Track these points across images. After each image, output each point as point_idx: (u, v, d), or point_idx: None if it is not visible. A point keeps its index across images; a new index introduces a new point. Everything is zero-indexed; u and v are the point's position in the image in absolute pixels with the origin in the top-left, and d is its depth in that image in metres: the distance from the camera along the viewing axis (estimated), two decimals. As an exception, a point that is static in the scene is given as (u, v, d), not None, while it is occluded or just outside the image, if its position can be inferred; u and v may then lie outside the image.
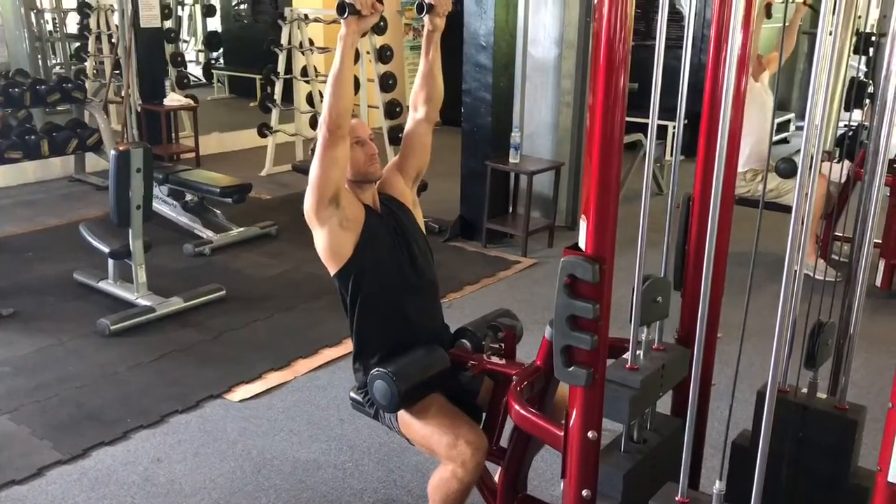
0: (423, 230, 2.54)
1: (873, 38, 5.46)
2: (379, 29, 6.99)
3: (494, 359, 2.30)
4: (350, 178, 2.38)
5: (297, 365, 3.81)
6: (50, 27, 9.83)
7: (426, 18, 2.40)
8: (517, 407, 1.93)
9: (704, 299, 1.46)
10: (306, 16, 7.45)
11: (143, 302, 4.30)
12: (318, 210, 2.24)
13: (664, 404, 2.01)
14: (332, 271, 2.35)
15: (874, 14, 5.64)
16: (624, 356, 1.72)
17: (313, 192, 2.22)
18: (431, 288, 2.50)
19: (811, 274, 3.39)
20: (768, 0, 4.90)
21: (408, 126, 2.56)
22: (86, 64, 9.18)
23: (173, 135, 7.77)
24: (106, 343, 4.00)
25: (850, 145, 4.68)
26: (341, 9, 2.07)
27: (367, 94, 7.20)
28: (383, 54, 7.07)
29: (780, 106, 9.41)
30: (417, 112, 2.54)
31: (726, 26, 1.72)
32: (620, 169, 1.53)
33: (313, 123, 7.40)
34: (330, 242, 2.30)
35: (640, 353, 1.71)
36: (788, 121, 9.19)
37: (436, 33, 2.43)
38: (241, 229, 5.57)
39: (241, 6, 11.71)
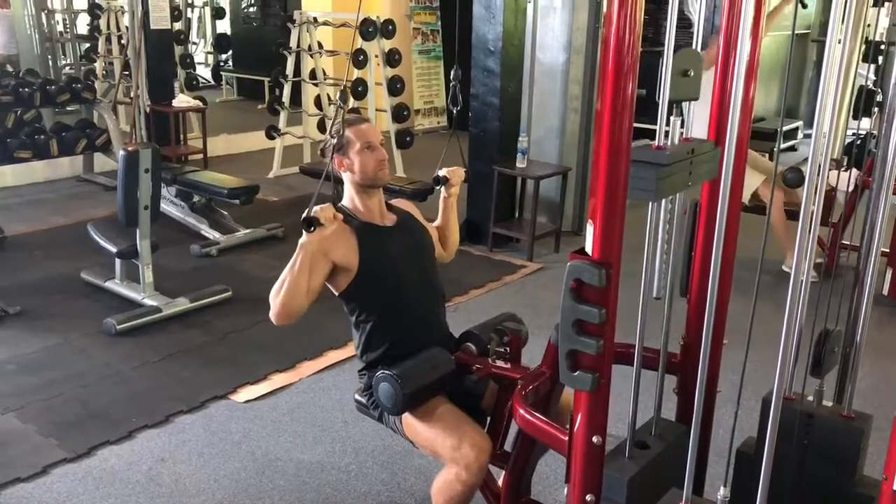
0: (434, 245, 2.59)
1: (882, 47, 5.45)
2: (387, 33, 7.02)
3: (499, 363, 2.31)
4: (358, 181, 2.39)
5: (303, 367, 3.82)
6: (60, 28, 9.88)
7: (442, 189, 2.62)
8: (522, 411, 1.94)
9: (711, 305, 1.46)
10: (315, 19, 7.47)
11: (149, 302, 4.31)
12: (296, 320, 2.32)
13: (669, 411, 2.01)
14: (336, 293, 2.39)
15: (883, 22, 5.63)
16: (649, 142, 1.59)
17: (283, 324, 2.31)
18: (438, 297, 2.52)
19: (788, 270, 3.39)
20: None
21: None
22: (95, 65, 9.24)
23: (182, 136, 7.80)
24: (112, 342, 4.01)
25: (859, 154, 4.67)
26: (308, 224, 2.18)
27: (374, 98, 7.21)
28: (391, 58, 7.09)
29: (788, 114, 9.39)
30: (440, 242, 2.68)
31: (735, 33, 1.72)
32: (628, 174, 1.53)
33: (321, 126, 7.42)
34: (329, 280, 2.37)
35: (667, 140, 1.58)
36: (797, 128, 9.16)
37: (451, 199, 2.65)
38: (248, 231, 5.58)
39: (251, 9, 11.76)
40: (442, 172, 2.60)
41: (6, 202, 6.48)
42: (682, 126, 1.61)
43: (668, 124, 1.54)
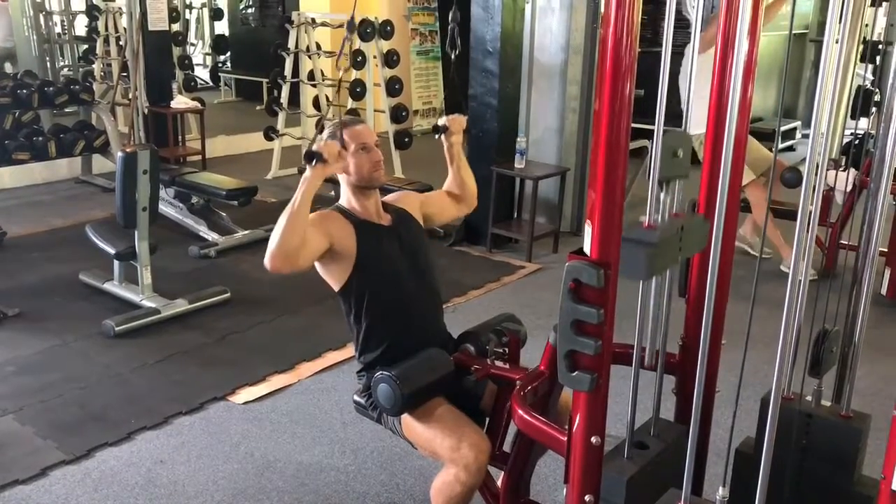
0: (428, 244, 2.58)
1: (880, 47, 5.46)
2: (385, 34, 7.02)
3: (498, 363, 2.31)
4: (354, 183, 2.39)
5: (301, 368, 3.82)
6: (58, 29, 9.87)
7: (443, 138, 2.57)
8: (521, 412, 1.94)
9: (709, 306, 1.46)
10: (313, 20, 7.47)
11: (148, 303, 4.31)
12: (288, 272, 2.22)
13: (668, 411, 2.01)
14: (335, 289, 2.39)
15: (881, 22, 5.64)
16: (641, 217, 1.61)
17: (276, 268, 2.18)
18: (436, 296, 2.51)
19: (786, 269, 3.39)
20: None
21: (444, 188, 2.69)
22: (93, 66, 9.22)
23: (180, 137, 7.79)
24: (111, 344, 4.01)
25: (857, 154, 4.67)
26: (310, 157, 2.15)
27: (373, 99, 7.21)
28: (390, 59, 7.09)
29: (786, 114, 9.40)
30: (456, 196, 2.68)
31: (733, 33, 1.72)
32: (626, 175, 1.53)
33: (319, 127, 7.41)
34: (325, 271, 2.37)
35: (658, 216, 1.61)
36: (794, 128, 9.17)
37: (455, 147, 2.60)
38: (247, 232, 5.58)
39: (249, 10, 11.75)
40: (441, 121, 2.57)
41: (4, 204, 6.47)
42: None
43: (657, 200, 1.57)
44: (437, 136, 2.60)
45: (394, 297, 2.38)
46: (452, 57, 3.44)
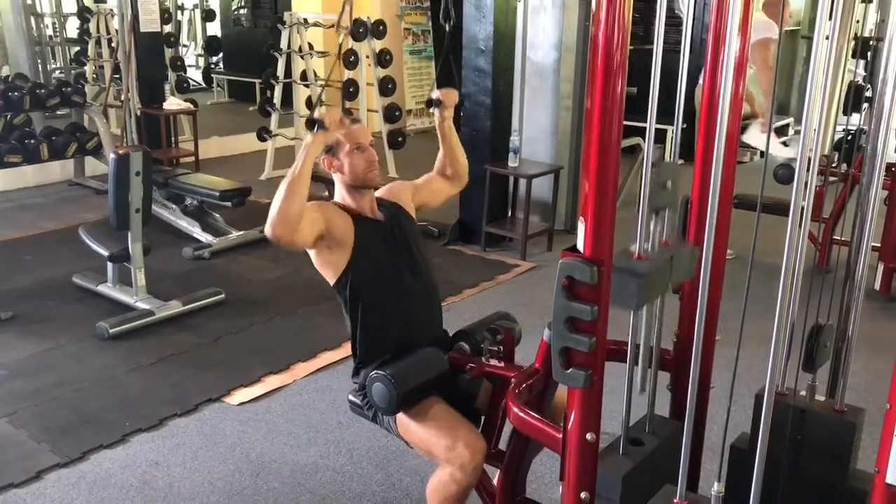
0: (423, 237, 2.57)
1: (872, 43, 5.47)
2: (378, 33, 7.01)
3: (493, 361, 2.31)
4: (349, 182, 2.39)
5: (296, 368, 3.81)
6: (50, 31, 9.85)
7: (436, 111, 2.56)
8: (516, 409, 1.94)
9: (702, 302, 1.46)
10: (305, 20, 7.47)
11: (142, 305, 4.30)
12: (287, 242, 2.20)
13: (663, 407, 2.01)
14: (330, 282, 2.38)
15: (872, 18, 5.65)
16: (631, 248, 1.65)
17: (278, 235, 2.17)
18: (431, 292, 2.51)
19: None
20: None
21: (434, 171, 2.67)
22: (85, 68, 9.20)
23: (173, 139, 7.78)
24: (105, 346, 4.00)
25: (849, 149, 4.69)
26: (311, 124, 2.15)
27: (366, 98, 7.21)
28: (383, 58, 7.09)
29: (779, 110, 9.41)
30: (446, 170, 2.66)
31: (724, 31, 1.72)
32: (619, 172, 1.53)
33: (312, 127, 7.40)
34: (322, 260, 2.35)
35: (648, 245, 1.65)
36: (787, 125, 9.19)
37: (446, 122, 2.59)
38: (241, 233, 5.57)
39: (241, 11, 11.73)
40: (435, 94, 2.56)
41: (-3, 207, 6.46)
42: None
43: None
44: (430, 110, 2.60)
45: (389, 295, 2.37)
46: (447, 28, 3.40)
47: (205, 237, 5.53)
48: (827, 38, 1.38)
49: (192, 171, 6.75)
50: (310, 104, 7.61)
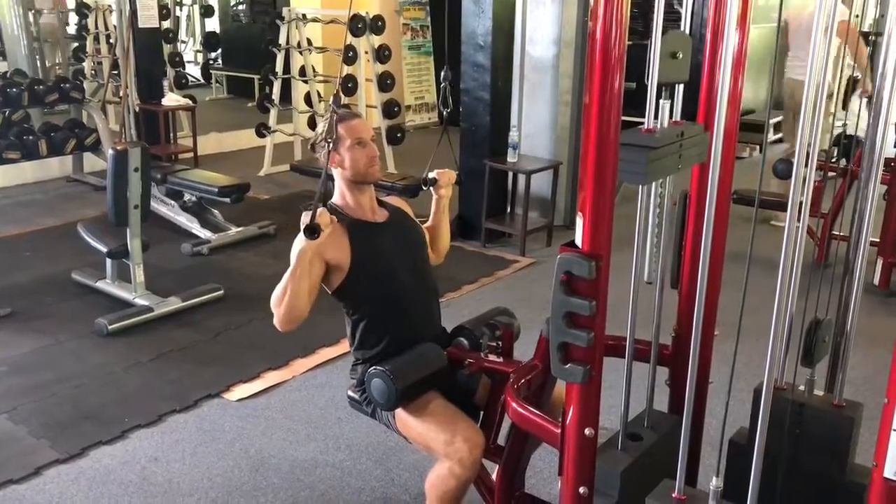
0: (426, 239, 2.56)
1: (871, 38, 5.47)
2: (377, 29, 7.00)
3: (492, 357, 2.31)
4: (349, 177, 2.39)
5: (295, 364, 3.82)
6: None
7: (432, 190, 2.57)
8: (514, 405, 1.94)
9: (701, 296, 1.47)
10: (304, 16, 7.45)
11: (140, 302, 4.30)
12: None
13: (661, 402, 2.02)
14: (329, 291, 2.38)
15: (872, 13, 5.65)
16: (639, 126, 1.59)
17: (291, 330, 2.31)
18: (430, 291, 2.51)
19: None
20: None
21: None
22: (84, 64, 9.18)
23: (171, 135, 7.76)
24: (104, 343, 4.00)
25: (847, 144, 4.68)
26: (311, 232, 2.13)
27: (365, 94, 7.20)
28: (381, 54, 7.08)
29: (777, 105, 9.40)
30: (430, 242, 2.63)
31: (722, 25, 1.72)
32: (617, 167, 1.53)
33: (311, 124, 7.40)
34: (323, 279, 2.36)
35: (657, 122, 1.59)
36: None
37: (442, 201, 2.60)
38: (240, 229, 5.57)
39: (240, 6, 11.71)
40: (431, 174, 2.56)
41: (-4, 203, 6.46)
42: (670, 112, 1.62)
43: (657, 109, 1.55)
44: (424, 188, 2.60)
45: (388, 294, 2.38)
46: (445, 114, 3.46)
47: (203, 233, 5.52)
48: (825, 31, 1.38)
49: (190, 167, 6.74)
50: (309, 101, 7.60)
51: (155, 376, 3.69)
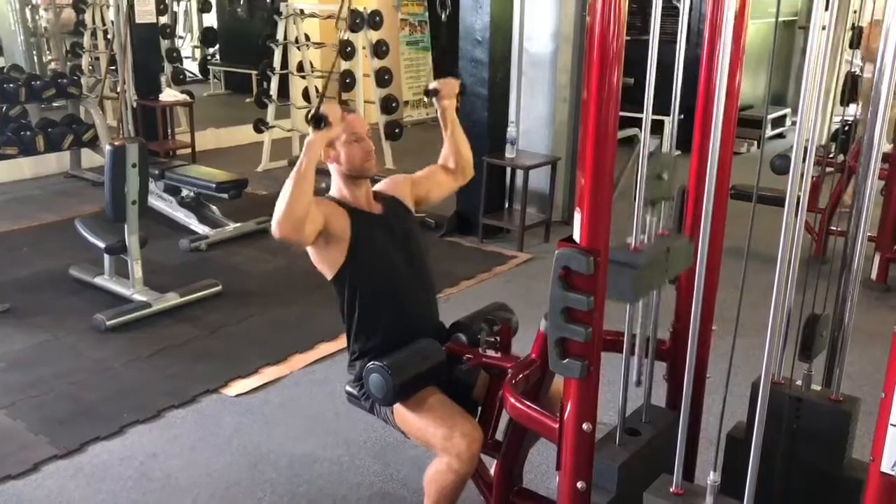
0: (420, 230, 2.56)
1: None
2: (375, 24, 6.99)
3: (490, 352, 2.31)
4: (345, 172, 2.38)
5: (294, 360, 3.82)
6: (44, 23, 9.78)
7: (435, 101, 2.52)
8: (512, 400, 1.94)
9: (698, 292, 1.47)
10: (302, 11, 7.44)
11: (138, 297, 4.30)
12: (302, 244, 2.24)
13: (659, 398, 2.02)
14: (328, 277, 2.38)
15: (870, 8, 5.65)
16: (628, 239, 1.66)
17: (285, 234, 2.17)
18: (429, 285, 2.51)
19: None
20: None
21: (439, 163, 2.62)
22: (81, 60, 9.16)
23: (169, 131, 7.75)
24: (102, 338, 4.00)
25: (845, 139, 4.69)
26: (318, 121, 2.13)
27: (363, 90, 7.19)
28: (379, 49, 7.07)
29: (777, 101, 9.41)
30: (449, 163, 2.60)
31: (720, 21, 1.72)
32: (615, 162, 1.53)
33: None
34: (319, 256, 2.34)
35: (644, 237, 1.66)
36: (784, 116, 9.19)
37: (448, 112, 2.53)
38: (237, 225, 5.56)
39: (238, 2, 11.68)
40: (433, 84, 2.52)
41: (-7, 199, 6.45)
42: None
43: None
44: (427, 99, 2.55)
45: (386, 288, 2.38)
46: (443, 17, 3.36)
47: (201, 229, 5.52)
48: (823, 28, 1.38)
49: (188, 162, 6.72)
50: (307, 97, 7.59)
51: (153, 372, 3.69)
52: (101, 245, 4.35)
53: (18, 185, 6.87)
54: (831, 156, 4.81)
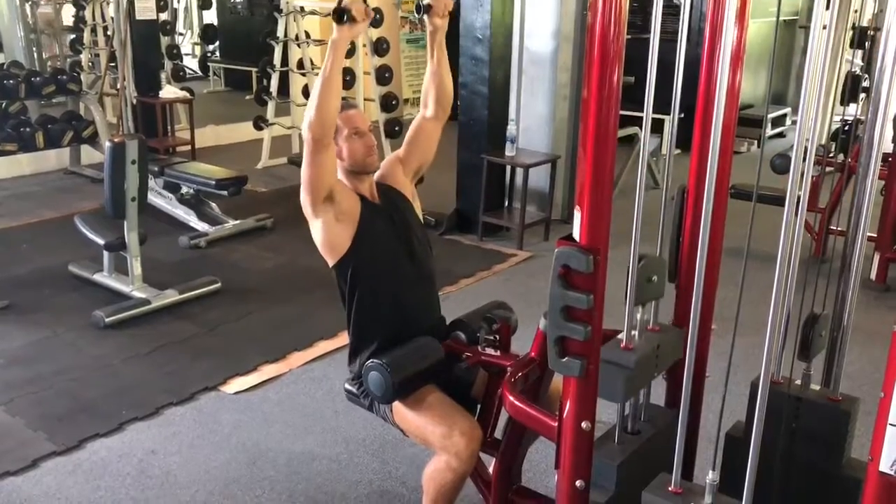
0: (422, 222, 2.54)
1: (870, 32, 5.46)
2: (375, 22, 6.97)
3: (489, 350, 2.31)
4: (347, 168, 2.37)
5: (292, 357, 3.82)
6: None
7: (426, 19, 2.39)
8: (511, 398, 1.94)
9: (698, 291, 1.47)
10: (302, 8, 7.43)
11: (138, 294, 4.30)
12: (313, 206, 2.25)
13: (658, 396, 2.02)
14: (331, 263, 2.35)
15: (871, 8, 5.65)
16: (619, 336, 1.71)
17: (307, 192, 2.23)
18: (429, 279, 2.50)
19: None
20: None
21: (416, 121, 2.56)
22: (81, 56, 9.15)
23: (169, 127, 7.75)
24: (101, 335, 4.00)
25: (846, 139, 4.69)
26: (340, 15, 2.06)
27: (363, 87, 7.18)
28: (379, 47, 7.05)
29: (777, 101, 9.41)
30: (427, 109, 2.53)
31: (721, 20, 1.72)
32: (615, 161, 1.53)
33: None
34: (326, 235, 2.30)
35: (635, 333, 1.71)
36: (784, 115, 9.19)
37: (438, 33, 2.42)
38: (237, 222, 5.56)
39: (238, -2, 11.68)
40: (426, 0, 2.38)
41: (-8, 195, 6.44)
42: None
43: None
44: (419, 16, 2.40)
45: (388, 277, 2.36)
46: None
47: (201, 226, 5.51)
48: (824, 27, 1.38)
49: (188, 159, 6.73)
50: (307, 94, 7.58)
51: (152, 369, 3.69)
52: (101, 242, 4.35)
53: (18, 182, 6.87)
54: (831, 155, 4.80)
